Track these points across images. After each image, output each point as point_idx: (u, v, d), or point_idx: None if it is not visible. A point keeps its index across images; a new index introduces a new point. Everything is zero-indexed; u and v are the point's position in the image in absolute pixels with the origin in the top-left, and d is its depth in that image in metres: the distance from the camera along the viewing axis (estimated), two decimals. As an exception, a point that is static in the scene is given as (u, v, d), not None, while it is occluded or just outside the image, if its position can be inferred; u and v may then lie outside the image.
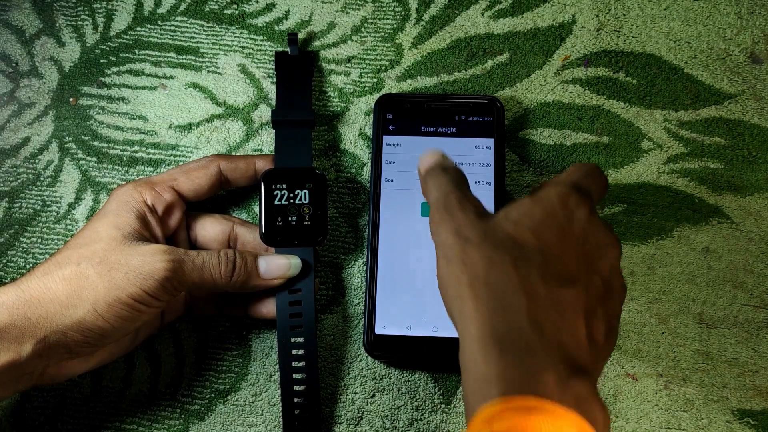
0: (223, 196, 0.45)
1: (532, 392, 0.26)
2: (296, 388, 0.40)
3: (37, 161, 0.45)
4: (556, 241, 0.30)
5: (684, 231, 0.44)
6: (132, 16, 0.47)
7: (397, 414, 0.42)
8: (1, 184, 0.45)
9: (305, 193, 0.40)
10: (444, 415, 0.42)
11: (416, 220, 0.43)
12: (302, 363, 0.40)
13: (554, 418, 0.26)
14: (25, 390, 0.36)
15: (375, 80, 0.47)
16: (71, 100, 0.46)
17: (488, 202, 0.42)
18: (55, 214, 0.45)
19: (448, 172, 0.34)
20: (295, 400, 0.40)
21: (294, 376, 0.40)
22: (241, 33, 0.47)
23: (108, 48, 0.47)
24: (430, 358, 0.41)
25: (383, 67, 0.47)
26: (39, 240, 0.44)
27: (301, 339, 0.40)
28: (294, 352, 0.40)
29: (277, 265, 0.39)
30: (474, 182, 0.43)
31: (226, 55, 0.47)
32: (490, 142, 0.43)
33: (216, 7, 0.48)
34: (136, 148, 0.46)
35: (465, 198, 0.32)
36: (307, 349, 0.40)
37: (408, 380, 0.42)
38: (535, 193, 0.33)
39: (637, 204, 0.45)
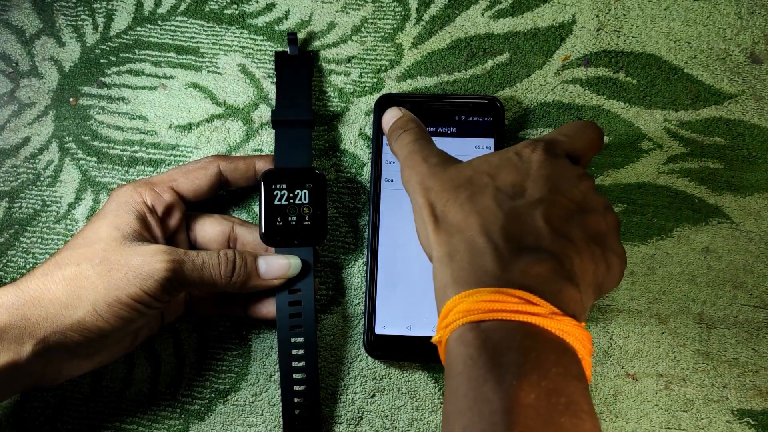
0: (222, 196, 0.45)
1: (475, 285, 0.29)
2: (296, 388, 0.40)
3: (37, 161, 0.45)
4: (512, 177, 0.32)
5: (684, 231, 0.44)
6: (132, 16, 0.47)
7: (397, 414, 0.42)
8: (1, 184, 0.45)
9: (305, 193, 0.40)
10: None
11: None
12: (302, 363, 0.40)
13: (486, 294, 0.28)
14: (25, 391, 0.36)
15: (375, 80, 0.47)
16: (71, 100, 0.46)
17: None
18: (55, 214, 0.45)
19: (410, 131, 0.38)
20: (295, 400, 0.40)
21: (294, 376, 0.40)
22: (241, 33, 0.47)
23: (108, 48, 0.47)
24: (430, 358, 0.41)
25: (383, 67, 0.47)
26: (39, 240, 0.44)
27: (301, 339, 0.40)
28: (294, 352, 0.40)
29: (278, 266, 0.39)
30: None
31: (226, 55, 0.47)
32: (490, 142, 0.43)
33: (216, 7, 0.48)
34: (136, 148, 0.46)
35: (427, 151, 0.35)
36: (307, 349, 0.40)
37: (408, 380, 0.42)
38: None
39: (637, 204, 0.45)
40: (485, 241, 0.30)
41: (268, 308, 0.40)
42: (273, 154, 0.43)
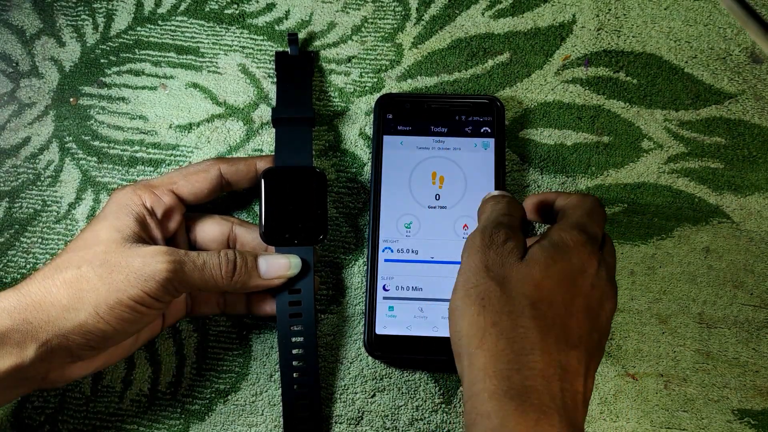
0: (222, 196, 0.45)
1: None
2: (296, 387, 0.40)
3: (37, 161, 0.45)
4: (570, 299, 0.32)
5: (684, 231, 0.44)
6: (132, 16, 0.47)
7: (398, 414, 0.42)
8: (2, 184, 0.45)
9: (305, 192, 0.40)
10: (444, 415, 0.42)
11: (416, 220, 0.43)
12: (302, 363, 0.40)
13: None
14: (28, 393, 0.36)
15: (375, 80, 0.47)
16: (71, 100, 0.46)
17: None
18: (56, 214, 0.45)
19: (505, 201, 0.36)
20: (296, 399, 0.40)
21: (294, 375, 0.40)
22: (241, 33, 0.47)
23: (108, 48, 0.47)
24: (431, 358, 0.41)
25: (383, 67, 0.47)
26: (39, 240, 0.44)
27: (301, 339, 0.40)
28: (294, 351, 0.40)
29: (278, 265, 0.39)
30: (474, 182, 0.43)
31: (226, 55, 0.47)
32: (490, 142, 0.43)
33: (216, 7, 0.48)
34: (137, 148, 0.46)
35: (509, 233, 0.34)
36: (307, 349, 0.40)
37: (408, 380, 0.42)
38: (549, 237, 0.34)
39: (638, 204, 0.45)
40: (549, 399, 0.30)
41: (271, 306, 0.40)
42: (273, 154, 0.43)
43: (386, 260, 0.42)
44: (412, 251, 0.42)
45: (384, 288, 0.41)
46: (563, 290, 0.32)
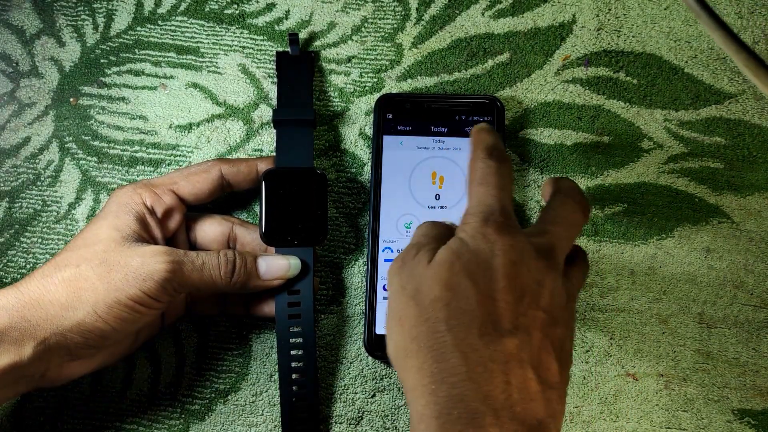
0: (223, 196, 0.45)
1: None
2: (295, 388, 0.40)
3: (37, 161, 0.45)
4: (489, 285, 0.29)
5: (684, 231, 0.44)
6: (132, 16, 0.47)
7: (398, 414, 0.42)
8: (2, 184, 0.45)
9: (305, 193, 0.40)
10: (444, 415, 0.41)
11: (416, 220, 0.43)
12: (301, 363, 0.40)
13: None
14: (26, 392, 0.36)
15: (375, 80, 0.47)
16: (71, 100, 0.46)
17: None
18: (56, 214, 0.45)
19: (425, 224, 0.34)
20: (294, 400, 0.40)
21: (293, 376, 0.40)
22: (241, 33, 0.47)
23: (108, 48, 0.47)
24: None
25: (383, 67, 0.47)
26: (39, 240, 0.44)
27: (300, 339, 0.40)
28: (293, 352, 0.40)
29: (277, 266, 0.39)
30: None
31: (226, 55, 0.47)
32: (490, 142, 0.43)
33: (216, 7, 0.48)
34: (137, 148, 0.46)
35: (419, 248, 0.32)
36: (306, 350, 0.40)
37: (408, 380, 0.42)
38: (456, 233, 0.32)
39: (638, 204, 0.45)
40: (482, 404, 0.28)
41: (270, 307, 0.40)
42: (274, 154, 0.43)
43: (386, 260, 0.42)
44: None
45: (384, 288, 0.41)
46: (477, 278, 0.29)
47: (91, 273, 0.34)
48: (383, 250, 0.42)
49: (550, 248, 0.32)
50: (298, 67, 0.45)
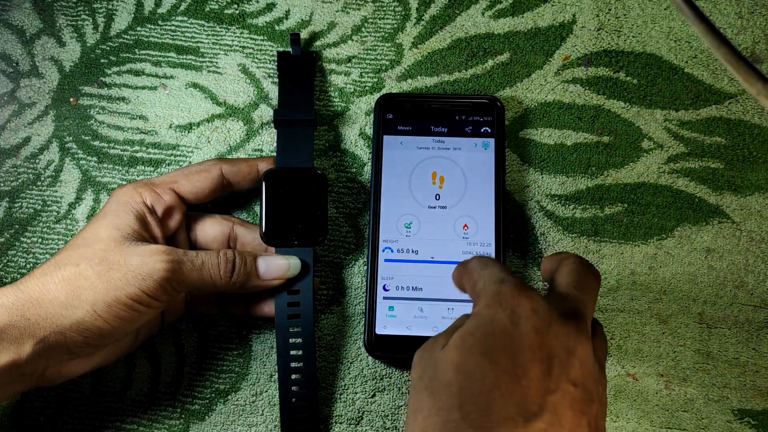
0: (223, 196, 0.45)
1: None
2: (294, 388, 0.40)
3: (37, 161, 0.45)
4: (510, 363, 0.26)
5: (685, 231, 0.44)
6: (132, 16, 0.47)
7: (398, 414, 0.42)
8: (2, 184, 0.45)
9: (306, 193, 0.40)
10: (444, 415, 0.41)
11: (416, 220, 0.43)
12: (301, 363, 0.40)
13: None
14: (25, 391, 0.36)
15: (375, 80, 0.47)
16: (72, 100, 0.46)
17: (488, 202, 0.42)
18: (56, 214, 0.45)
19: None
20: (294, 400, 0.40)
21: (292, 376, 0.40)
22: (241, 33, 0.47)
23: (108, 48, 0.47)
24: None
25: (383, 67, 0.47)
26: (39, 240, 0.44)
27: (299, 340, 0.40)
28: (293, 352, 0.40)
29: (277, 266, 0.39)
30: (474, 182, 0.43)
31: (226, 55, 0.47)
32: (490, 142, 0.43)
33: (216, 7, 0.48)
34: (137, 147, 0.46)
35: (437, 337, 0.30)
36: (306, 350, 0.40)
37: (408, 380, 0.42)
38: (471, 314, 0.29)
39: (638, 204, 0.45)
40: None
41: (270, 307, 0.40)
42: (274, 155, 0.43)
43: (386, 260, 0.42)
44: (413, 251, 0.42)
45: (384, 288, 0.41)
46: (495, 354, 0.26)
47: (90, 272, 0.34)
48: (383, 250, 0.42)
49: (576, 312, 0.29)
50: (300, 68, 0.45)
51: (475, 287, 0.30)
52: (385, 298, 0.41)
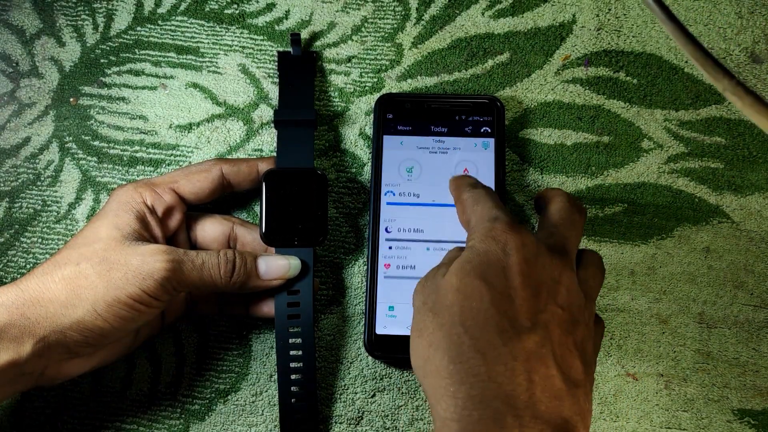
0: (223, 196, 0.45)
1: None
2: (294, 388, 0.40)
3: (37, 161, 0.45)
4: (503, 283, 0.29)
5: (684, 231, 0.44)
6: (132, 16, 0.47)
7: (398, 414, 0.42)
8: (2, 184, 0.45)
9: (306, 193, 0.40)
10: (444, 415, 0.41)
11: (416, 219, 0.43)
12: (300, 364, 0.40)
13: None
14: (25, 390, 0.36)
15: (375, 80, 0.47)
16: (71, 100, 0.46)
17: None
18: (56, 214, 0.45)
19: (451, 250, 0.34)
20: (293, 400, 0.40)
21: (292, 376, 0.40)
22: (241, 33, 0.47)
23: (108, 48, 0.47)
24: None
25: (383, 67, 0.47)
26: (39, 240, 0.44)
27: (299, 340, 0.40)
28: (292, 352, 0.40)
29: (277, 266, 0.39)
30: (474, 170, 0.43)
31: (226, 55, 0.47)
32: (490, 141, 0.43)
33: (216, 7, 0.48)
34: (137, 148, 0.46)
35: (439, 266, 0.32)
36: (305, 350, 0.40)
37: (408, 380, 0.42)
38: (467, 243, 0.32)
39: (638, 204, 0.45)
40: (509, 408, 0.27)
41: (270, 307, 0.40)
42: (275, 155, 0.43)
43: (386, 260, 0.42)
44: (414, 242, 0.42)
45: (384, 288, 0.41)
46: (490, 278, 0.29)
47: (91, 271, 0.34)
48: (383, 250, 0.42)
49: (561, 246, 0.32)
50: (300, 68, 0.45)
51: (469, 223, 0.33)
52: (385, 298, 0.41)
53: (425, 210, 0.42)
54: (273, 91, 0.46)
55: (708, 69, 0.23)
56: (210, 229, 0.41)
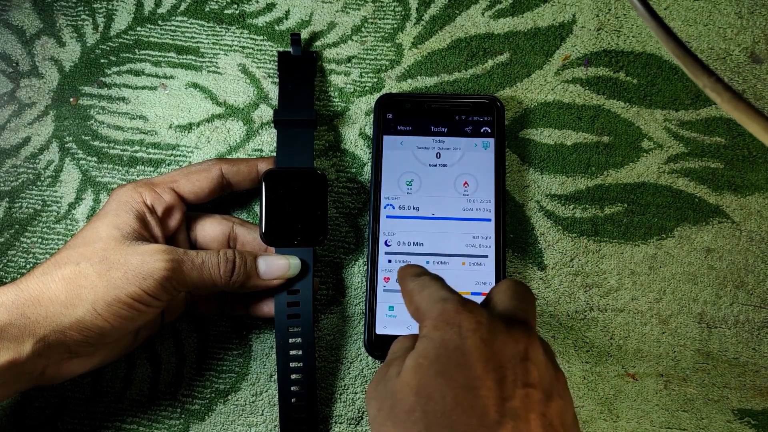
0: (223, 196, 0.45)
1: None
2: (293, 388, 0.40)
3: (37, 161, 0.45)
4: (466, 376, 0.27)
5: (685, 231, 0.44)
6: (132, 16, 0.47)
7: (398, 414, 0.42)
8: (2, 184, 0.45)
9: (306, 193, 0.40)
10: (444, 415, 0.41)
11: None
12: (300, 363, 0.40)
13: None
14: (25, 390, 0.36)
15: (375, 80, 0.47)
16: (71, 100, 0.46)
17: (488, 202, 0.42)
18: (56, 214, 0.45)
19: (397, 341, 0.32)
20: (293, 400, 0.40)
21: (292, 376, 0.40)
22: (241, 33, 0.47)
23: (108, 48, 0.47)
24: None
25: (383, 67, 0.47)
26: (39, 240, 0.44)
27: (299, 340, 0.40)
28: (292, 352, 0.40)
29: (277, 266, 0.39)
30: (474, 183, 0.43)
31: (226, 55, 0.47)
32: (490, 141, 0.43)
33: (216, 7, 0.48)
34: (137, 148, 0.46)
35: (390, 362, 0.30)
36: (305, 350, 0.40)
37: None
38: (419, 337, 0.29)
39: (638, 204, 0.45)
40: None
41: (270, 307, 0.40)
42: (274, 155, 0.43)
43: (386, 254, 0.42)
44: (414, 244, 0.42)
45: (383, 289, 0.41)
46: (450, 372, 0.27)
47: (90, 271, 0.34)
48: (383, 249, 0.42)
49: (520, 317, 0.29)
50: (300, 68, 0.45)
51: (418, 310, 0.31)
52: (386, 289, 0.41)
53: (425, 223, 0.42)
54: (273, 91, 0.46)
55: (688, 66, 0.23)
56: (210, 229, 0.41)
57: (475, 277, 0.41)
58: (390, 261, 0.42)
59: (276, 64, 0.46)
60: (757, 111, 0.22)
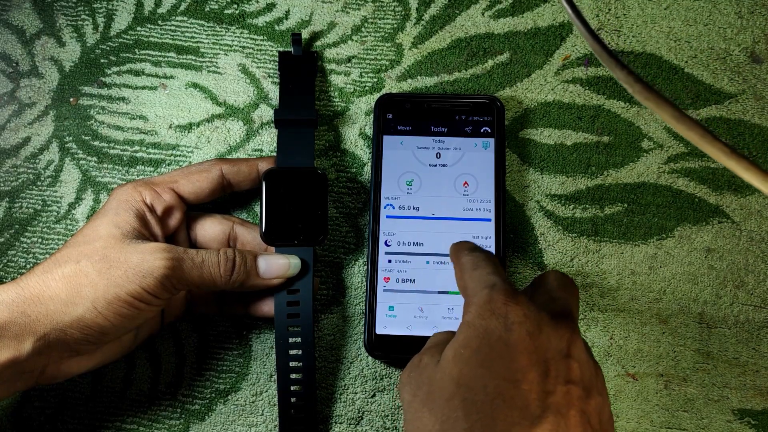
0: (224, 196, 0.45)
1: None
2: (293, 388, 0.40)
3: (37, 161, 0.45)
4: (507, 368, 0.27)
5: (685, 231, 0.44)
6: (132, 16, 0.47)
7: (398, 414, 0.42)
8: (2, 184, 0.45)
9: (306, 192, 0.40)
10: (444, 414, 0.41)
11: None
12: (299, 363, 0.40)
13: None
14: (25, 389, 0.36)
15: (375, 80, 0.47)
16: (71, 100, 0.46)
17: (488, 202, 0.42)
18: (56, 214, 0.45)
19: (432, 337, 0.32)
20: (292, 400, 0.40)
21: (291, 376, 0.40)
22: (241, 33, 0.47)
23: (108, 48, 0.47)
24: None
25: (383, 67, 0.47)
26: (39, 240, 0.44)
27: (298, 339, 0.40)
28: (292, 352, 0.40)
29: (277, 265, 0.39)
30: (474, 183, 0.43)
31: (226, 55, 0.47)
32: (490, 141, 0.43)
33: (216, 7, 0.48)
34: (137, 148, 0.46)
35: (425, 351, 0.30)
36: (305, 350, 0.40)
37: (408, 380, 0.42)
38: (459, 327, 0.29)
39: (638, 204, 0.45)
40: None
41: (270, 306, 0.40)
42: (275, 155, 0.43)
43: (386, 253, 0.42)
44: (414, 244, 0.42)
45: (384, 290, 0.41)
46: (492, 363, 0.27)
47: (91, 269, 0.34)
48: (383, 248, 0.42)
49: (566, 313, 0.29)
50: (301, 68, 0.45)
51: (466, 289, 0.31)
52: (386, 290, 0.41)
53: (425, 223, 0.42)
54: (273, 91, 0.46)
55: (605, 59, 0.24)
56: (210, 229, 0.41)
57: None
58: (390, 261, 0.42)
59: (276, 63, 0.46)
60: (665, 99, 0.23)
